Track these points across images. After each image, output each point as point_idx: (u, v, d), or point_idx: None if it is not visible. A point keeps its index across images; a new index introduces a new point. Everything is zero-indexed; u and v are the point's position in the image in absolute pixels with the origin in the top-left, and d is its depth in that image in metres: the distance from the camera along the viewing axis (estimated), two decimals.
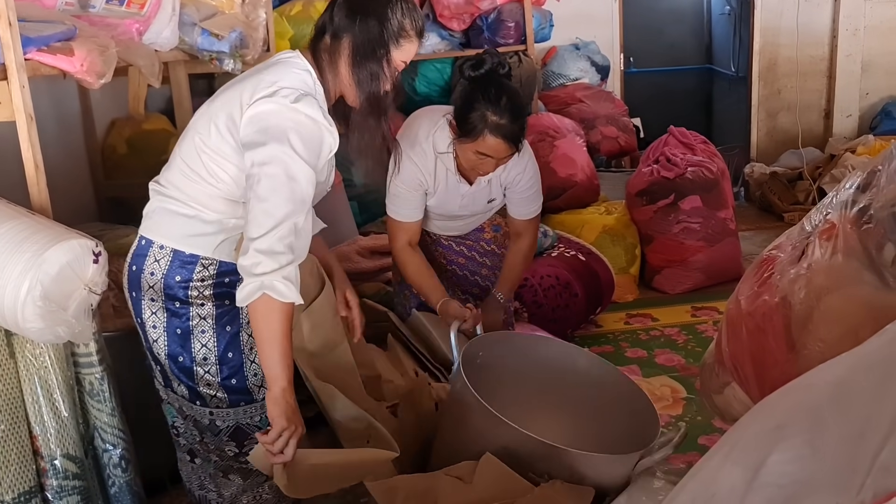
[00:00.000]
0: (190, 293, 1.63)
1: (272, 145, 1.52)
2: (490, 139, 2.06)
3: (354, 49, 1.62)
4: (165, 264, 1.63)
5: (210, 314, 1.65)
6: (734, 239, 3.96)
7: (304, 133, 1.53)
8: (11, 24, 1.80)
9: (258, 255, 1.47)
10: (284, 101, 1.54)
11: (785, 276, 1.67)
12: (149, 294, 1.65)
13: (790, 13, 5.14)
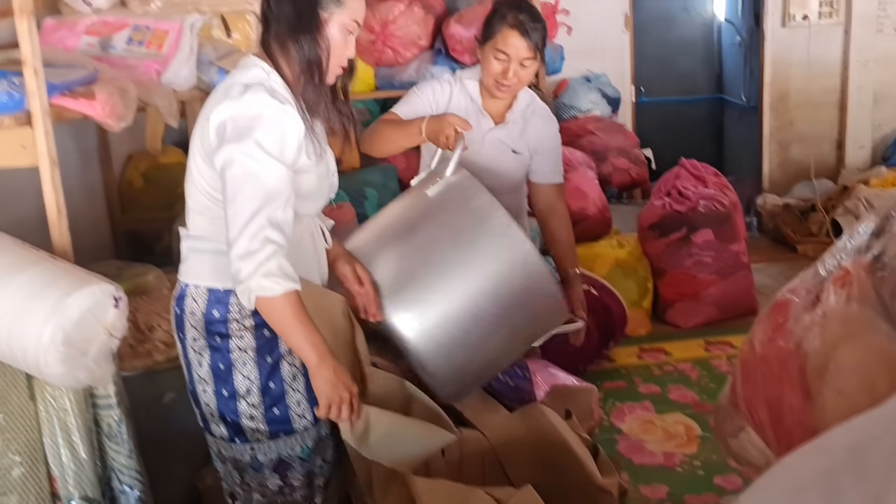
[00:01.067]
0: (230, 326, 1.64)
1: (226, 146, 1.51)
2: (508, 33, 2.14)
3: (289, 25, 1.60)
4: (203, 302, 1.64)
5: (250, 346, 1.65)
6: (747, 272, 3.96)
7: (256, 124, 1.52)
8: (37, 72, 1.84)
9: (237, 262, 1.48)
10: (232, 100, 1.54)
11: (800, 322, 1.67)
12: (191, 333, 1.66)
13: (801, 45, 5.17)
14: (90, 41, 2.80)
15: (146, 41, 2.78)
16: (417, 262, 1.85)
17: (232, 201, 1.50)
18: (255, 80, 1.58)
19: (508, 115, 2.31)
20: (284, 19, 1.61)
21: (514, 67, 2.17)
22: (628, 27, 5.27)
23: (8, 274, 1.63)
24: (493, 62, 2.18)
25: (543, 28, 2.20)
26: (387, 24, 4.20)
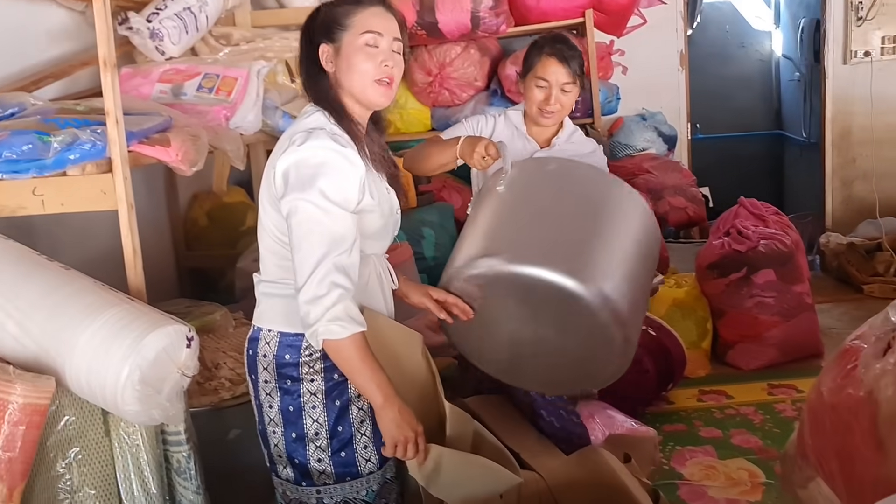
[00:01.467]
0: (301, 370, 1.68)
1: (291, 194, 1.57)
2: (547, 61, 2.27)
3: (301, 70, 1.70)
4: (275, 346, 1.68)
5: (320, 389, 1.68)
6: (811, 314, 3.86)
7: (319, 171, 1.57)
8: (118, 122, 1.94)
9: (305, 307, 1.53)
10: (296, 147, 1.59)
11: (870, 369, 1.63)
12: (263, 376, 1.70)
13: (863, 82, 5.08)
14: (163, 88, 2.94)
15: (216, 88, 2.91)
16: (578, 237, 1.78)
17: (298, 248, 1.56)
18: (316, 124, 1.65)
19: (555, 140, 2.40)
20: (300, 65, 1.73)
21: (555, 93, 2.28)
22: (683, 65, 5.27)
23: (89, 314, 1.71)
24: (535, 90, 2.29)
25: (580, 56, 2.34)
26: (444, 66, 4.29)
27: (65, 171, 1.95)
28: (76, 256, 2.91)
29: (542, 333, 1.77)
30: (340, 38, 1.69)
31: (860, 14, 4.98)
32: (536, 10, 4.14)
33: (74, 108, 2.25)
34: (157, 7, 2.94)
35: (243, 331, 2.56)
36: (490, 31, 4.14)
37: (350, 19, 1.69)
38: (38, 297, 1.75)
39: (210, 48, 3.27)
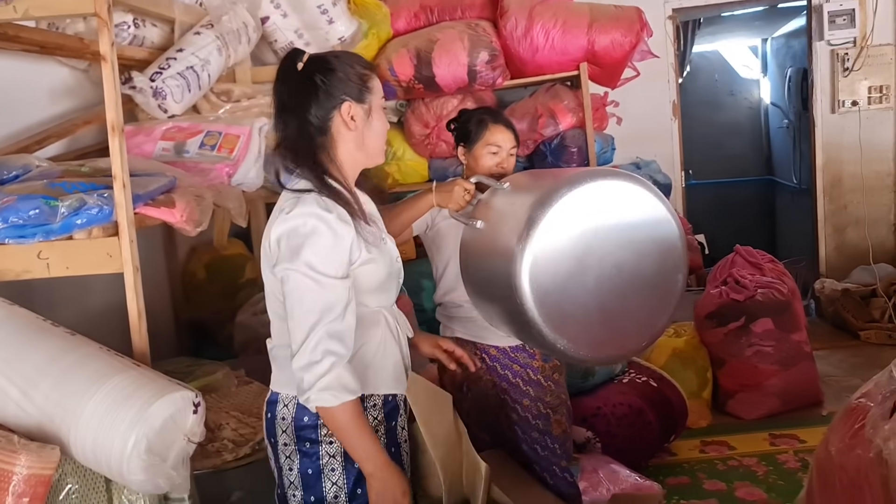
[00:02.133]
0: (320, 432, 1.67)
1: (281, 264, 1.59)
2: (495, 129, 2.39)
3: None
4: (293, 408, 1.68)
5: (339, 451, 1.67)
6: (810, 362, 3.87)
7: (306, 242, 1.58)
8: (125, 186, 1.95)
9: (298, 373, 1.56)
10: (283, 215, 1.61)
11: (878, 430, 1.63)
12: (282, 438, 1.69)
13: (852, 130, 5.17)
14: (166, 146, 2.95)
15: (218, 145, 2.93)
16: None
17: (291, 315, 1.59)
18: (304, 187, 1.66)
19: None
20: (288, 119, 1.74)
21: (505, 157, 2.41)
22: (676, 114, 5.35)
23: (94, 382, 1.70)
24: (488, 157, 2.40)
25: (514, 124, 2.53)
26: (441, 118, 4.34)
27: (71, 235, 1.96)
28: (74, 314, 2.90)
29: (622, 259, 1.84)
30: (368, 100, 1.73)
31: (846, 65, 5.09)
32: (532, 63, 4.21)
33: (79, 169, 2.27)
34: (160, 66, 2.98)
35: (245, 390, 2.54)
36: (487, 84, 4.20)
37: (372, 83, 1.75)
38: (44, 364, 1.74)
39: (211, 105, 3.30)
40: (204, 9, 3.24)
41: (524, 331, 1.86)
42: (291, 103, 1.70)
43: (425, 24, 4.44)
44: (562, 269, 1.79)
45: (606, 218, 1.84)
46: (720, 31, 6.92)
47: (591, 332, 1.83)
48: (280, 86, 1.73)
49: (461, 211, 2.17)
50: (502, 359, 2.45)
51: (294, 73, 1.71)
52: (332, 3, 3.74)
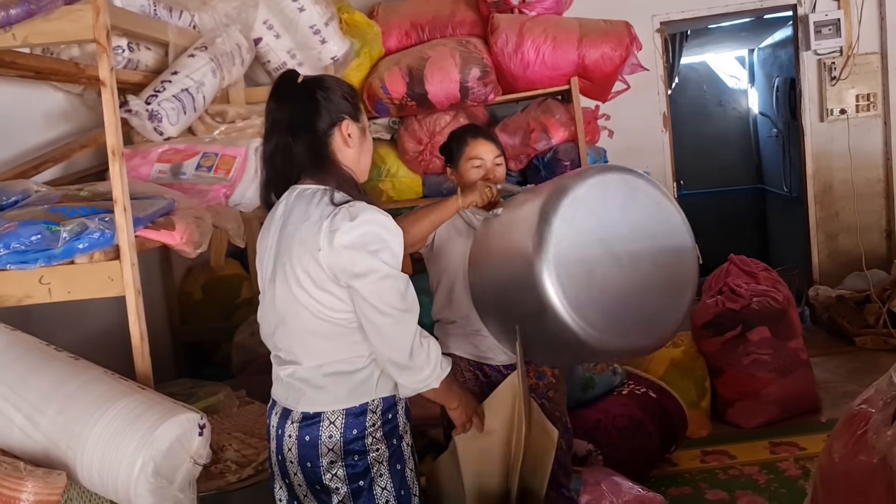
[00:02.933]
0: (367, 442, 1.72)
1: (360, 273, 1.64)
2: (474, 143, 2.41)
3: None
4: (341, 423, 1.71)
5: (384, 457, 1.74)
6: (807, 370, 3.89)
7: (385, 242, 1.66)
8: (126, 209, 1.96)
9: (414, 365, 1.69)
10: (347, 225, 1.63)
11: (881, 436, 1.65)
12: (328, 457, 1.71)
13: (841, 138, 5.22)
14: (162, 168, 2.96)
15: (215, 166, 2.94)
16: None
17: (379, 316, 1.64)
18: (343, 199, 1.69)
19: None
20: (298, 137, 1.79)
21: (490, 168, 2.41)
22: (667, 126, 5.39)
23: (100, 406, 1.70)
24: (472, 171, 2.41)
25: (496, 135, 2.55)
26: (434, 135, 4.36)
27: (72, 260, 1.96)
28: (73, 336, 2.90)
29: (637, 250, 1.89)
30: (362, 119, 1.81)
31: (833, 74, 5.15)
32: (524, 78, 4.25)
33: (78, 193, 2.27)
34: (155, 89, 2.99)
35: (247, 410, 2.54)
36: (479, 100, 4.23)
37: (361, 104, 1.83)
38: (48, 390, 1.74)
39: (206, 126, 3.32)
40: (197, 31, 3.25)
41: (540, 319, 1.84)
42: (300, 118, 1.73)
43: (416, 42, 4.48)
44: (582, 252, 1.83)
45: (626, 209, 1.90)
46: (707, 42, 6.99)
47: (613, 318, 1.84)
48: (281, 103, 1.75)
49: (486, 207, 2.22)
50: (495, 377, 2.44)
51: (297, 90, 1.74)
52: (325, 23, 3.77)
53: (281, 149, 1.74)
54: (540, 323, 1.86)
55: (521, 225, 1.91)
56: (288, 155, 1.73)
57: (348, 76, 4.25)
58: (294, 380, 1.75)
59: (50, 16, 1.92)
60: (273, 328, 1.79)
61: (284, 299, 1.71)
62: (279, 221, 1.76)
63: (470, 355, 2.45)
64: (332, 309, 1.68)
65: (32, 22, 1.90)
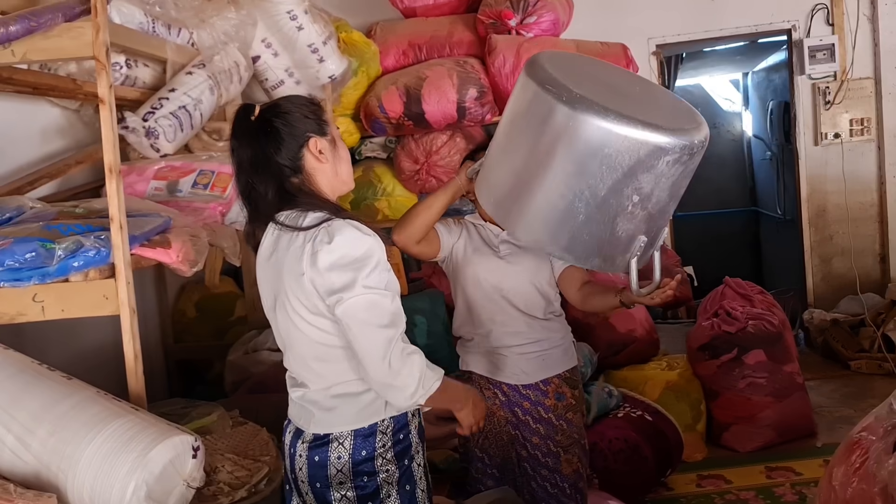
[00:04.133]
0: (376, 463, 1.71)
1: (338, 293, 1.62)
2: None
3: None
4: (350, 445, 1.70)
5: (393, 478, 1.72)
6: (803, 393, 3.88)
7: (364, 261, 1.64)
8: (122, 227, 1.94)
9: (397, 383, 1.64)
10: (326, 248, 1.63)
11: (882, 465, 1.64)
12: (337, 478, 1.70)
13: (835, 162, 5.25)
14: (158, 185, 2.94)
15: (211, 184, 2.92)
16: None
17: (362, 335, 1.62)
18: (318, 219, 1.69)
19: None
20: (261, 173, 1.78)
21: None
22: None
23: (92, 427, 1.67)
24: None
25: None
26: (430, 154, 4.37)
27: (67, 278, 1.94)
28: (66, 355, 2.87)
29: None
30: (329, 131, 1.79)
31: (828, 98, 5.18)
32: None
33: (73, 211, 2.25)
34: (152, 106, 2.98)
35: (240, 431, 2.51)
36: (476, 120, 4.24)
37: (325, 115, 1.80)
38: (40, 410, 1.71)
39: (203, 144, 3.31)
40: (196, 49, 3.25)
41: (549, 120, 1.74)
42: (260, 155, 1.72)
43: (414, 62, 4.49)
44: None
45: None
46: (702, 65, 7.04)
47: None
48: (241, 142, 1.75)
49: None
50: (513, 395, 2.45)
51: (253, 125, 1.73)
52: (323, 42, 3.77)
53: (250, 188, 1.75)
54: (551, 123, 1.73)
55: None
56: (257, 193, 1.73)
57: (346, 95, 4.27)
58: (304, 402, 1.76)
59: (49, 33, 1.91)
60: (284, 352, 1.83)
61: (286, 327, 1.74)
62: (268, 253, 1.78)
63: (489, 373, 2.46)
64: (329, 333, 1.68)
65: (32, 38, 1.90)
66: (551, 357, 2.47)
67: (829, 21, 5.16)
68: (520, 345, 2.43)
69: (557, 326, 2.50)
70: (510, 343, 2.43)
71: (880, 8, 5.09)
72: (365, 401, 1.70)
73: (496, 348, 2.42)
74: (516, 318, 2.42)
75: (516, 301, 2.42)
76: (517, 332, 2.43)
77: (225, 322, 4.11)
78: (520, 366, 2.44)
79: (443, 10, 4.67)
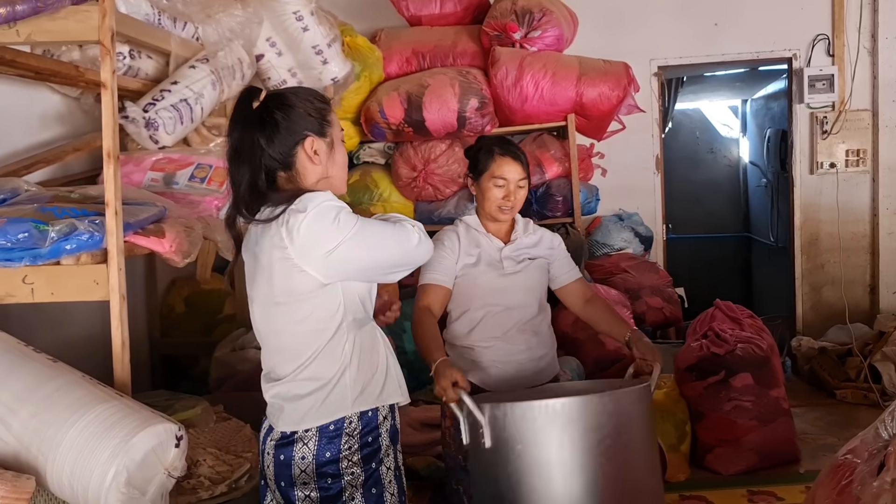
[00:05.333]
0: (341, 465, 1.67)
1: (326, 243, 1.64)
2: (502, 160, 2.37)
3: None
4: (314, 445, 1.67)
5: (358, 481, 1.69)
6: (788, 419, 3.87)
7: (340, 211, 1.67)
8: (117, 213, 1.94)
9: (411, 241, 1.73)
10: (297, 216, 1.64)
11: (867, 487, 1.64)
12: (301, 479, 1.68)
13: (829, 191, 5.28)
14: (155, 176, 2.94)
15: (208, 178, 2.92)
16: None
17: (375, 250, 1.67)
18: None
19: (513, 234, 2.48)
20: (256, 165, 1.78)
21: (513, 190, 2.38)
22: (659, 168, 5.43)
23: (76, 411, 1.66)
24: (494, 189, 2.38)
25: (525, 154, 2.46)
26: (428, 162, 4.38)
27: (58, 261, 1.93)
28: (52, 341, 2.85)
29: None
30: (330, 133, 1.75)
31: (825, 128, 5.23)
32: (521, 112, 4.28)
33: (69, 195, 2.24)
34: (153, 97, 2.98)
35: (224, 426, 2.49)
36: (475, 130, 4.25)
37: (331, 116, 1.78)
38: (23, 392, 1.70)
39: (202, 138, 3.30)
40: (200, 43, 3.26)
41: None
42: (254, 146, 1.68)
43: (417, 70, 4.51)
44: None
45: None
46: (702, 90, 7.09)
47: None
48: (237, 127, 1.71)
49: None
50: None
51: (255, 113, 1.69)
52: (327, 44, 3.78)
53: (239, 176, 1.71)
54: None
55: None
56: (243, 183, 1.70)
57: (347, 99, 4.27)
58: (276, 399, 1.73)
59: (55, 15, 1.91)
60: (261, 345, 1.81)
61: (260, 319, 1.73)
62: (251, 243, 1.76)
63: (480, 382, 2.44)
64: (300, 321, 1.66)
65: (37, 19, 1.90)
66: (541, 369, 2.47)
67: (829, 52, 5.21)
68: (518, 360, 2.43)
69: (548, 339, 2.52)
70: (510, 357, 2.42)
71: (881, 42, 5.14)
72: (330, 392, 1.65)
73: (495, 361, 2.41)
74: (520, 332, 2.42)
75: (519, 316, 2.42)
76: (517, 346, 2.42)
77: (213, 319, 4.09)
78: (511, 376, 2.43)
79: (448, 20, 4.69)
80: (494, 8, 4.51)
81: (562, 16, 4.48)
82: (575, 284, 2.51)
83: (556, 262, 2.51)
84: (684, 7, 5.27)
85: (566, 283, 2.51)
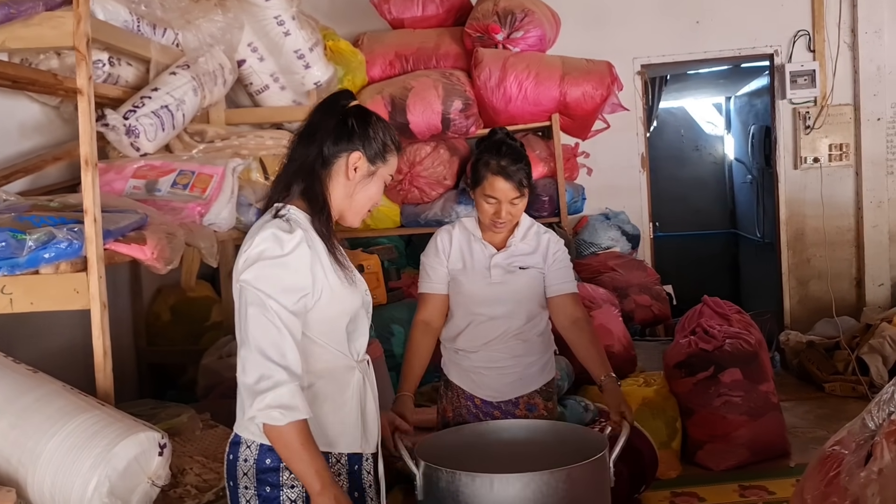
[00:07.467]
0: (281, 475, 1.63)
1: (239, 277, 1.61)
2: (493, 179, 2.27)
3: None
4: (256, 449, 1.64)
5: (300, 496, 1.64)
6: (778, 413, 3.88)
7: (264, 260, 1.59)
8: (96, 220, 1.92)
9: (246, 391, 1.56)
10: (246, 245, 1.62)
11: (854, 478, 1.64)
12: (243, 482, 1.65)
13: (814, 186, 5.31)
14: (136, 184, 2.92)
15: (190, 184, 2.90)
16: None
17: (245, 341, 1.57)
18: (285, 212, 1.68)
19: (510, 240, 2.42)
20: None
21: (505, 207, 2.30)
22: (644, 167, 5.45)
23: (56, 421, 1.64)
24: (485, 205, 2.32)
25: (526, 165, 2.33)
26: (414, 165, 4.37)
27: (37, 270, 1.90)
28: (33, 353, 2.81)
29: None
30: (378, 165, 1.75)
31: (808, 123, 5.26)
32: (505, 113, 4.28)
33: (48, 204, 2.22)
34: (134, 104, 2.95)
35: (210, 434, 2.47)
36: (460, 132, 4.25)
37: (392, 156, 1.77)
38: (3, 403, 1.67)
39: (184, 145, 3.28)
40: (180, 50, 3.24)
41: None
42: (313, 133, 1.72)
43: (400, 72, 4.51)
44: None
45: None
46: (686, 88, 7.12)
47: None
48: (314, 114, 1.76)
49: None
50: (485, 408, 2.44)
51: (335, 108, 1.74)
52: (309, 48, 3.77)
53: (299, 153, 1.74)
54: None
55: None
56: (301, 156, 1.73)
57: None
58: (238, 398, 1.69)
59: (29, 21, 1.89)
60: None
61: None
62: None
63: (467, 387, 2.45)
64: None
65: (11, 26, 1.87)
66: (529, 376, 2.45)
67: (810, 47, 5.25)
68: (501, 367, 2.42)
69: (540, 346, 2.48)
70: (492, 364, 2.42)
71: (860, 36, 5.18)
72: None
73: (478, 367, 2.41)
74: (504, 341, 2.40)
75: (505, 326, 2.39)
76: (501, 354, 2.41)
77: (200, 327, 4.05)
78: (496, 385, 2.43)
79: (430, 23, 4.69)
80: (476, 9, 4.51)
81: (544, 16, 4.49)
82: (562, 299, 2.42)
83: (550, 272, 2.43)
84: (666, 5, 5.29)
85: (553, 295, 2.43)
